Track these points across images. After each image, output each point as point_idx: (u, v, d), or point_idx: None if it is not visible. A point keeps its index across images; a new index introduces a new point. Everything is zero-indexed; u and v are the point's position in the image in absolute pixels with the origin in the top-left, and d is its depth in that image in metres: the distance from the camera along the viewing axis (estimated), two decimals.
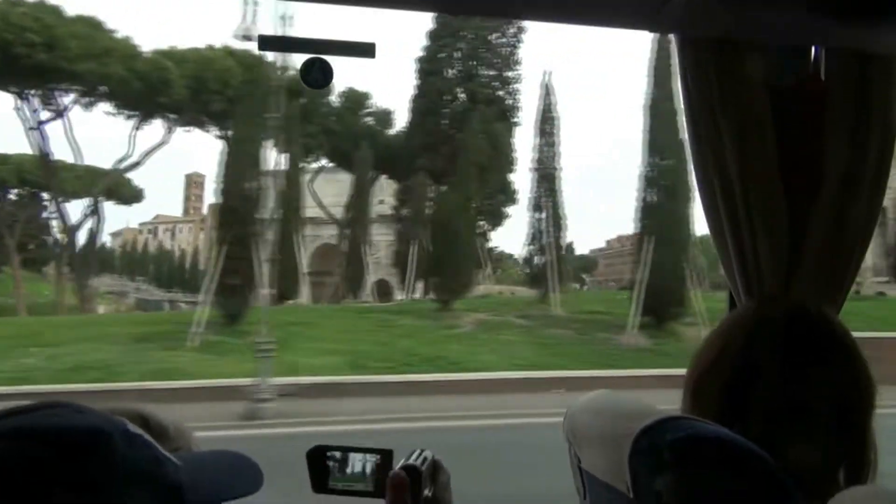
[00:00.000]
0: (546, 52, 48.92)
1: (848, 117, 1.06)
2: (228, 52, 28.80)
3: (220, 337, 15.62)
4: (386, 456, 0.89)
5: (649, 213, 17.27)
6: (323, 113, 32.10)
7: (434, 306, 19.53)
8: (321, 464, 0.89)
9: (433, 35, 31.13)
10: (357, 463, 0.89)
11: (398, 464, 0.84)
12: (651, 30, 1.07)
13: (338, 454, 0.90)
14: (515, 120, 31.74)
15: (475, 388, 12.92)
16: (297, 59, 0.93)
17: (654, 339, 16.77)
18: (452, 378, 13.37)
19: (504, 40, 31.83)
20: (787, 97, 1.07)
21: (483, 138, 27.69)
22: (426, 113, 31.28)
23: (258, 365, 11.21)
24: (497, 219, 33.78)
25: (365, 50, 0.98)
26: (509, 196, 33.24)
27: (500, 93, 31.83)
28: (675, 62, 1.10)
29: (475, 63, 31.70)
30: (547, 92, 22.43)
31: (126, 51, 25.98)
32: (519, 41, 31.80)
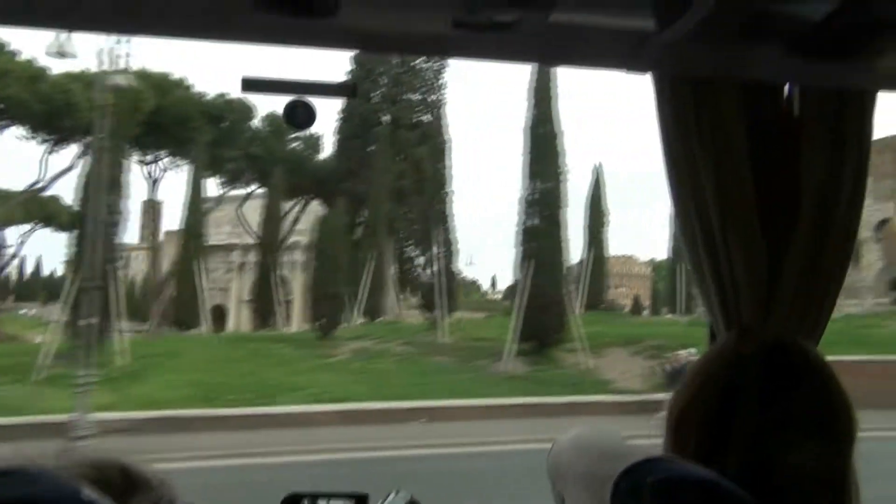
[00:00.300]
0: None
1: (822, 153, 1.08)
2: (140, 75, 28.35)
3: (67, 369, 14.91)
4: (361, 501, 0.94)
5: (529, 237, 16.95)
6: (247, 138, 31.69)
7: (317, 334, 18.94)
8: None
9: (357, 60, 30.93)
10: None
11: None
12: (628, 69, 1.06)
13: (309, 501, 0.94)
14: (441, 143, 31.53)
15: (331, 420, 12.41)
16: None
17: (533, 365, 16.37)
18: (306, 410, 12.83)
19: (428, 65, 31.74)
20: (763, 133, 1.09)
21: (401, 162, 27.42)
22: (350, 137, 30.99)
23: (77, 400, 10.61)
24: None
25: (347, 89, 1.00)
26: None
27: (425, 117, 31.62)
28: (654, 98, 1.11)
29: (400, 87, 31.53)
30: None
31: (27, 73, 25.37)
32: (444, 66, 31.74)
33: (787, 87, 1.12)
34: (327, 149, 33.73)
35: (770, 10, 0.93)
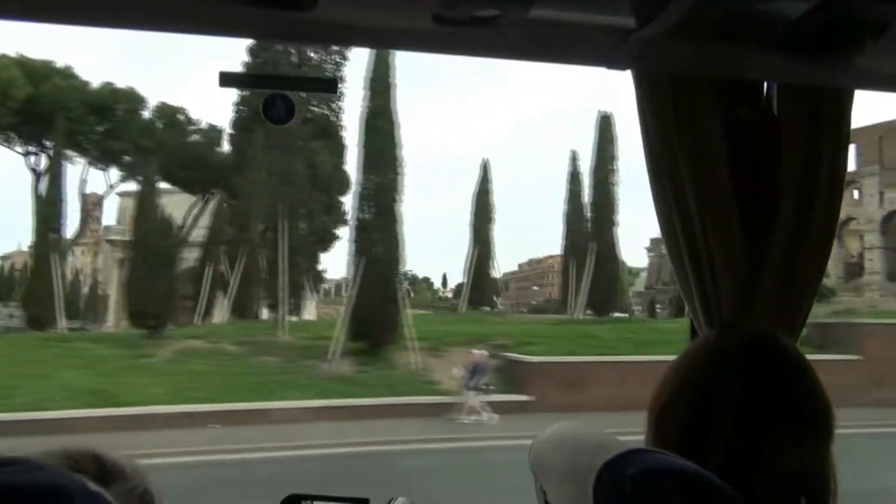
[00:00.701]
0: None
1: (801, 150, 1.09)
2: (15, 61, 27.12)
3: None
4: None
5: (361, 232, 16.36)
6: (138, 129, 30.59)
7: (141, 333, 18.10)
8: None
9: (253, 51, 30.03)
10: None
11: None
12: (608, 66, 1.05)
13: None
14: (341, 139, 30.85)
15: (95, 426, 11.63)
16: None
17: (363, 365, 15.76)
18: (65, 416, 12.00)
19: (327, 58, 30.96)
20: (742, 130, 1.10)
21: (292, 157, 26.60)
22: (244, 130, 30.05)
23: None
24: (326, 240, 32.60)
25: (327, 85, 0.80)
26: (338, 217, 32.14)
27: (320, 110, 30.86)
28: (634, 96, 1.11)
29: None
30: None
31: None
32: (344, 59, 31.00)
33: (766, 85, 1.14)
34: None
35: (750, 8, 0.92)
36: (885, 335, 16.26)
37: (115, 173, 35.46)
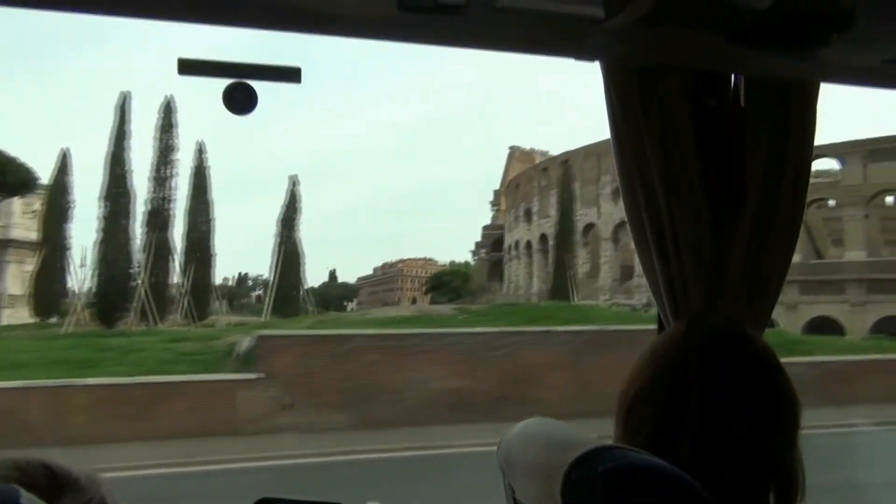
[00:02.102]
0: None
1: (766, 142, 1.09)
2: None
3: None
4: None
5: None
6: None
7: None
8: None
9: None
10: None
11: None
12: (576, 57, 1.05)
13: None
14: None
15: None
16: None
17: None
18: None
19: None
20: (709, 122, 1.10)
21: None
22: None
23: None
24: None
25: (290, 74, 0.94)
26: None
27: None
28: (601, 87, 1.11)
29: None
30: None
31: None
32: None
33: (733, 76, 1.13)
34: None
35: (716, 0, 0.90)
36: (297, 347, 13.25)
37: None
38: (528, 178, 49.69)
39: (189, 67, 0.89)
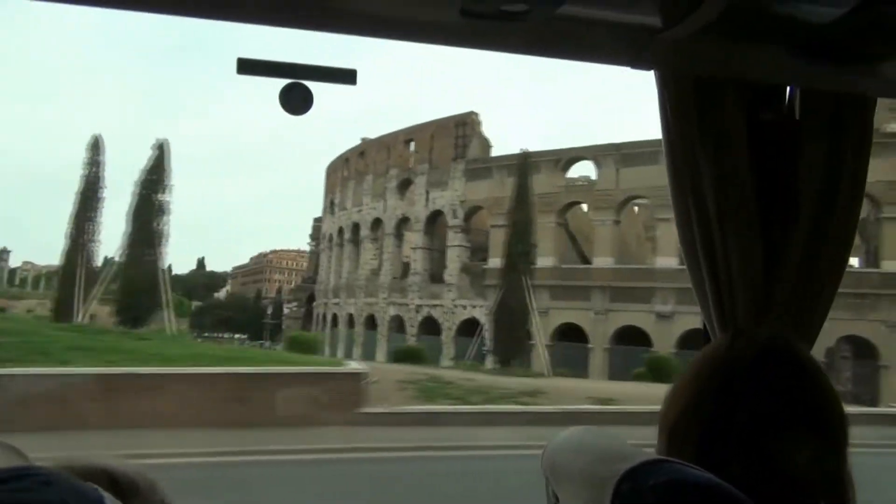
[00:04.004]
0: None
1: (821, 156, 1.09)
2: None
3: None
4: None
5: None
6: None
7: None
8: None
9: None
10: None
11: None
12: (632, 66, 1.04)
13: None
14: None
15: None
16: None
17: None
18: None
19: None
20: (764, 135, 1.10)
21: None
22: None
23: None
24: None
25: (346, 76, 0.95)
26: None
27: None
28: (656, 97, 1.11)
29: None
30: None
31: None
32: None
33: (788, 88, 1.13)
34: None
35: (776, 12, 0.92)
36: None
37: None
38: (334, 168, 47.80)
39: (248, 67, 0.90)
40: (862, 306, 26.08)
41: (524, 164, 30.20)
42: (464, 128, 37.03)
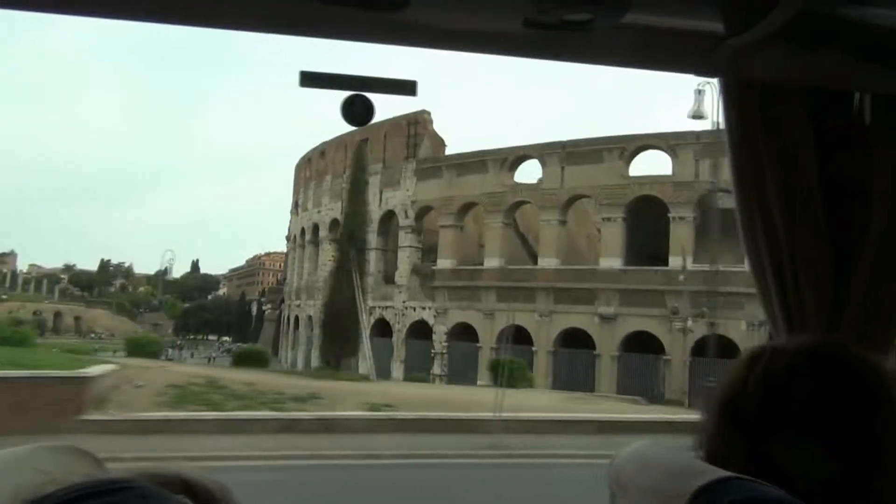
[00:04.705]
0: None
1: (892, 161, 1.07)
2: None
3: None
4: None
5: None
6: None
7: None
8: None
9: None
10: None
11: None
12: (697, 73, 1.07)
13: None
14: None
15: None
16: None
17: None
18: None
19: None
20: (832, 140, 1.09)
21: None
22: None
23: None
24: None
25: (407, 87, 0.96)
26: None
27: None
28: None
29: None
30: None
31: None
32: None
33: (856, 94, 1.11)
34: None
35: (845, 17, 0.90)
36: None
37: None
38: (299, 168, 47.47)
39: (310, 80, 0.91)
40: None
41: (360, 159, 30.39)
42: (416, 126, 36.45)
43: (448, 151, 36.80)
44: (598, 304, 29.88)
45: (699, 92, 21.03)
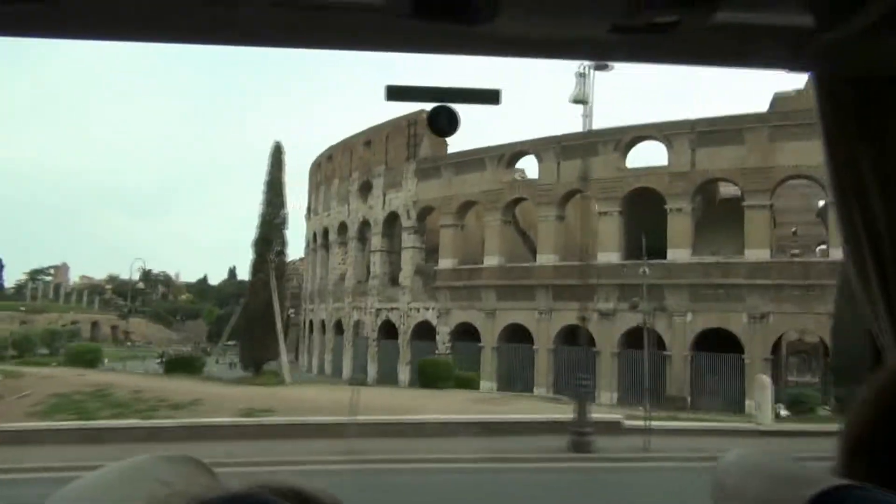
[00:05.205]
0: None
1: None
2: None
3: None
4: None
5: None
6: None
7: None
8: None
9: None
10: None
11: None
12: (790, 69, 1.05)
13: None
14: None
15: None
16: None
17: None
18: None
19: None
20: None
21: None
22: None
23: None
24: None
25: (490, 97, 0.95)
26: None
27: None
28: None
29: None
30: None
31: None
32: None
33: None
34: None
35: None
36: None
37: None
38: (312, 172, 47.82)
39: (396, 94, 0.91)
40: None
41: (278, 156, 29.75)
42: (415, 126, 36.28)
43: (460, 148, 36.46)
44: (598, 300, 29.18)
45: (581, 76, 19.71)
